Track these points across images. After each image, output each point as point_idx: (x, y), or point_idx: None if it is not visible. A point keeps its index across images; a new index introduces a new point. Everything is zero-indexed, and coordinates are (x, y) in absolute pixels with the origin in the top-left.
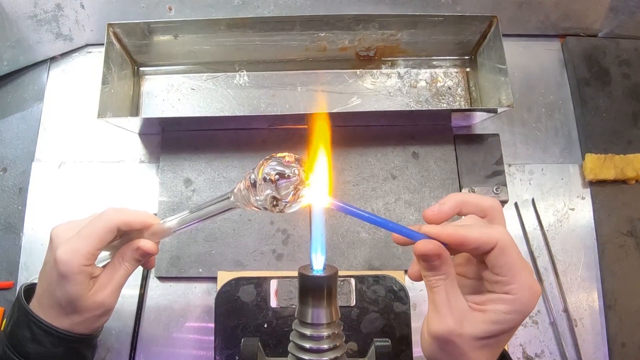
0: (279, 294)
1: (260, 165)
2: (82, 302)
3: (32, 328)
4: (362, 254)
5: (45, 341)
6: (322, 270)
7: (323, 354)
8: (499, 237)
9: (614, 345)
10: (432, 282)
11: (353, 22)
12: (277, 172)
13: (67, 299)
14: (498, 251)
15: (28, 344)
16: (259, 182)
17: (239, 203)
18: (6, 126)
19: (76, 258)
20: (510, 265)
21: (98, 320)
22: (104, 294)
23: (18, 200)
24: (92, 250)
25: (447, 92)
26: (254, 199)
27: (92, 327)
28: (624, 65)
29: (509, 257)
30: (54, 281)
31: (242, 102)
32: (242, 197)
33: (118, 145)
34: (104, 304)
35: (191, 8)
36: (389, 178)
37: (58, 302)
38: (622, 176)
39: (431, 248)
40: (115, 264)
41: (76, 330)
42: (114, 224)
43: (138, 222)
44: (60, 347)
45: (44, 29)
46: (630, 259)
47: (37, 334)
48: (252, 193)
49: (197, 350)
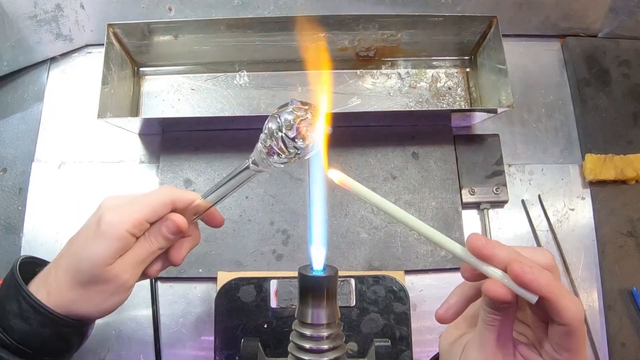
0: (279, 294)
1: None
2: (102, 271)
3: (20, 303)
4: (362, 254)
5: (32, 319)
6: (322, 271)
7: (323, 354)
8: (582, 317)
9: (614, 346)
10: (488, 319)
11: (353, 22)
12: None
13: (90, 262)
14: (569, 330)
15: (13, 319)
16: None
17: (261, 167)
18: (6, 126)
19: (124, 221)
20: (574, 351)
21: (109, 297)
22: (122, 267)
23: (18, 200)
24: (142, 219)
25: (447, 93)
26: (280, 157)
27: (101, 306)
28: (624, 66)
29: (577, 342)
30: (86, 241)
31: (242, 102)
32: (262, 160)
33: (118, 146)
34: (120, 276)
35: (191, 8)
36: (388, 178)
37: (78, 265)
38: (622, 176)
39: (503, 294)
40: (140, 239)
41: (80, 308)
42: (169, 198)
43: (189, 200)
44: (47, 328)
45: (44, 30)
46: (630, 259)
47: (25, 310)
48: (276, 147)
49: (197, 350)
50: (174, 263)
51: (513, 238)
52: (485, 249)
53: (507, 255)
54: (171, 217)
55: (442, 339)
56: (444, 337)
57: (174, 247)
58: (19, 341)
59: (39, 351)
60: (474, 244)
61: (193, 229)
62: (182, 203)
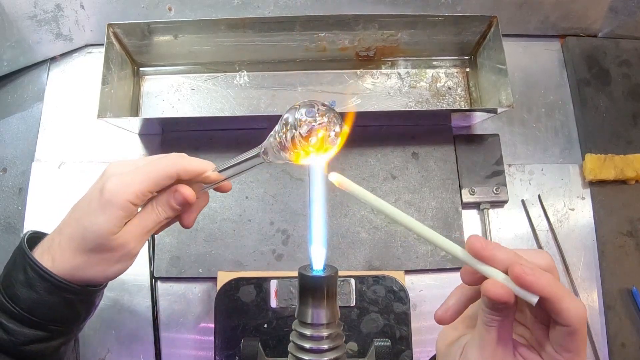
0: (279, 294)
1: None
2: (106, 239)
3: (27, 271)
4: (362, 254)
5: (38, 286)
6: (322, 271)
7: (323, 354)
8: (584, 318)
9: (614, 346)
10: (487, 320)
11: (353, 22)
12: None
13: (94, 231)
14: (571, 330)
15: (20, 288)
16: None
17: (270, 158)
18: (6, 126)
19: (125, 191)
20: (576, 352)
21: (114, 264)
22: (128, 235)
23: (18, 200)
24: (144, 190)
25: (447, 93)
26: (289, 154)
27: (106, 272)
28: (624, 66)
29: (578, 343)
30: (89, 210)
31: (242, 102)
32: (273, 154)
33: (118, 146)
34: (125, 245)
35: (191, 8)
36: (388, 178)
37: (82, 233)
38: (622, 176)
39: (503, 294)
40: (147, 208)
41: (85, 274)
42: (174, 169)
43: (199, 171)
44: (53, 295)
45: (43, 30)
46: (630, 259)
47: (31, 278)
48: (288, 144)
49: (197, 350)
50: (186, 227)
51: (513, 238)
52: (485, 250)
53: (507, 257)
54: (179, 189)
55: (439, 340)
56: (441, 338)
57: (184, 212)
58: (26, 310)
59: (46, 319)
60: (474, 245)
61: (201, 193)
62: (189, 174)
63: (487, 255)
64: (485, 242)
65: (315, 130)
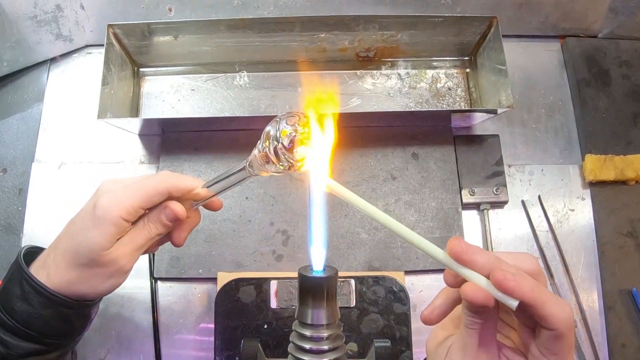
0: (279, 294)
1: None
2: (98, 254)
3: (23, 285)
4: (362, 254)
5: (34, 300)
6: (322, 271)
7: (323, 354)
8: (570, 321)
9: (614, 346)
10: (469, 322)
11: (353, 23)
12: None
13: (87, 246)
14: (557, 334)
15: (16, 302)
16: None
17: (255, 171)
18: (6, 127)
19: (117, 208)
20: (562, 355)
21: (106, 280)
22: (120, 251)
23: (18, 201)
24: (136, 206)
25: (447, 93)
26: (274, 166)
27: (98, 288)
28: (624, 66)
29: (565, 346)
30: (83, 226)
31: (242, 103)
32: (258, 167)
33: (118, 146)
34: (118, 261)
35: (191, 9)
36: (388, 179)
37: (76, 248)
38: (622, 177)
39: (480, 298)
40: (139, 224)
41: (78, 289)
42: (165, 186)
43: (189, 188)
44: (48, 309)
45: (43, 30)
46: (630, 260)
47: (27, 292)
48: (272, 157)
49: (197, 351)
50: (176, 245)
51: (513, 239)
52: (465, 254)
53: (488, 262)
54: (170, 205)
55: (429, 340)
56: (430, 338)
57: (175, 230)
58: (22, 323)
59: (42, 332)
60: (454, 249)
61: (193, 211)
62: (179, 191)
63: (467, 259)
64: (465, 245)
65: (297, 141)
